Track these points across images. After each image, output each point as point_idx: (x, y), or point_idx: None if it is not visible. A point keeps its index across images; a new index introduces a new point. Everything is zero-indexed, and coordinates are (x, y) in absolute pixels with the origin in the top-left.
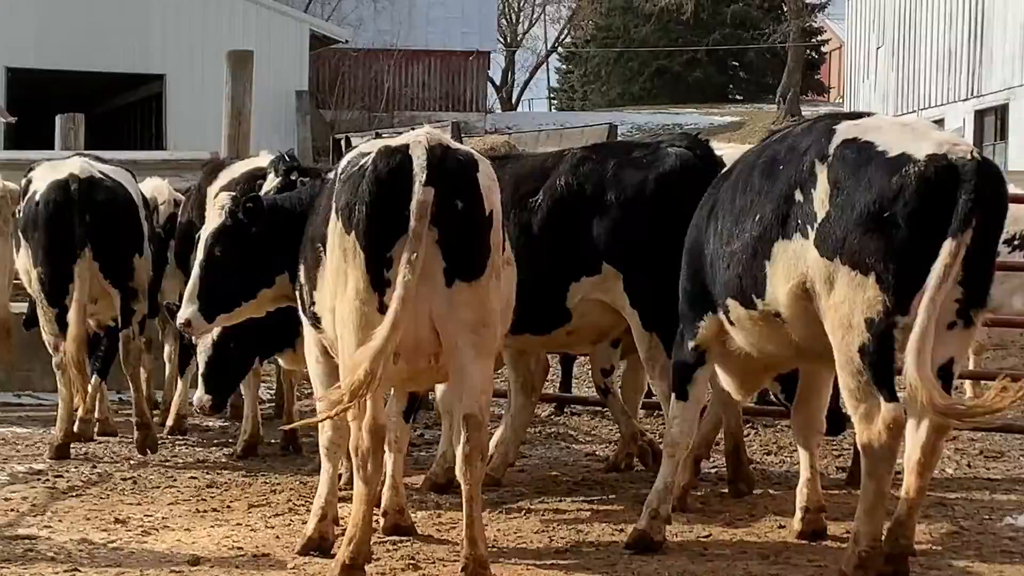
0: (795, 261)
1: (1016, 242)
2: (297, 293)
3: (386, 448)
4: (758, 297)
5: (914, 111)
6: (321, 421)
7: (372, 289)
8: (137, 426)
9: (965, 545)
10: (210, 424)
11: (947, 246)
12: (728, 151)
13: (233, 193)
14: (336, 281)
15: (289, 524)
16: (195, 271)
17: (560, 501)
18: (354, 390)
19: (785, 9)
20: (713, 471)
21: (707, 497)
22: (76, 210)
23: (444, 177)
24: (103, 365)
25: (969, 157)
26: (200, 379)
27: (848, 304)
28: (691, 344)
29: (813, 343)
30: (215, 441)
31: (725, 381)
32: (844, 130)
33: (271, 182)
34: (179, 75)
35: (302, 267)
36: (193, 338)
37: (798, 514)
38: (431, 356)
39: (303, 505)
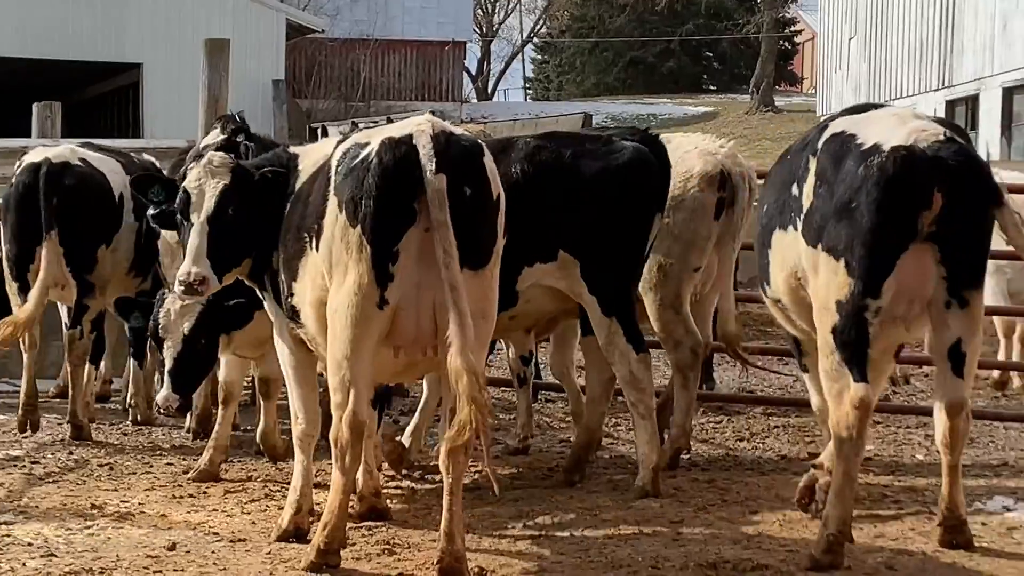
0: (789, 251)
1: None
2: (268, 281)
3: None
4: (767, 284)
5: (885, 101)
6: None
7: (376, 284)
8: (71, 423)
9: (936, 529)
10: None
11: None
12: (678, 139)
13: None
14: (332, 274)
15: (265, 510)
16: (200, 228)
17: (534, 487)
18: (471, 393)
19: (758, 2)
20: (686, 458)
21: (680, 484)
22: (43, 193)
23: (452, 164)
24: (94, 353)
25: (939, 140)
26: (167, 376)
27: (825, 288)
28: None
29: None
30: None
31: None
32: (836, 124)
33: (214, 137)
34: (155, 64)
35: (281, 256)
36: (161, 331)
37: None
38: (429, 348)
39: (279, 491)
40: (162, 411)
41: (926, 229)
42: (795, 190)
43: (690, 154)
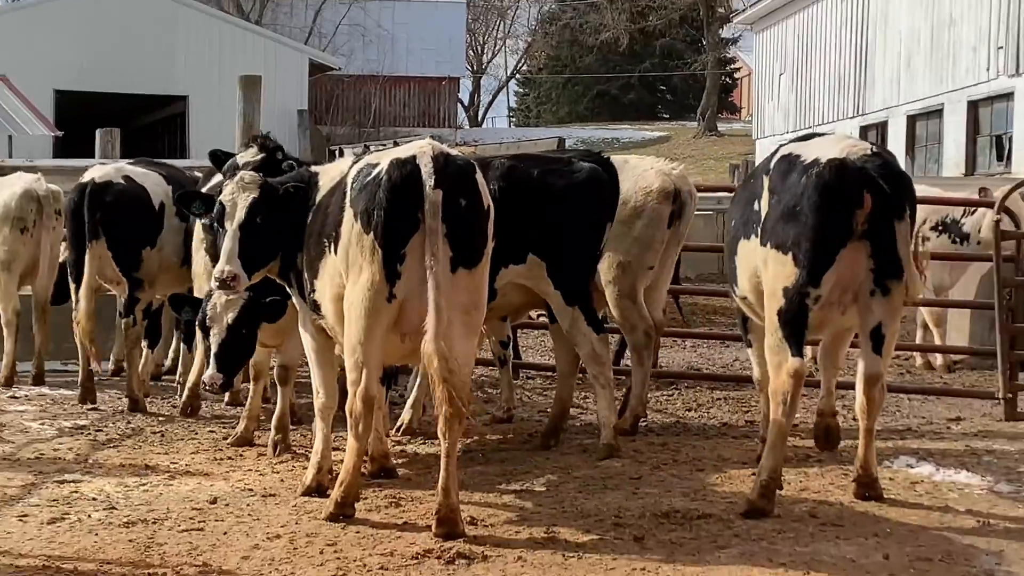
0: (751, 256)
1: (940, 227)
2: (294, 279)
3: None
4: (736, 285)
5: (809, 127)
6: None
7: (386, 281)
8: (128, 397)
9: (853, 484)
10: None
11: (898, 225)
12: (636, 161)
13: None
14: (348, 273)
15: (292, 469)
16: (234, 233)
17: (517, 450)
18: (443, 374)
19: (704, 43)
20: (643, 424)
21: (638, 447)
22: (87, 209)
23: (448, 180)
24: (150, 339)
25: (868, 154)
26: (213, 359)
27: (774, 278)
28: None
29: None
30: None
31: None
32: (784, 148)
33: (251, 155)
34: (200, 96)
35: (304, 258)
36: (208, 321)
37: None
38: (417, 333)
39: (303, 454)
40: (208, 389)
41: (860, 227)
42: (755, 206)
43: (648, 173)
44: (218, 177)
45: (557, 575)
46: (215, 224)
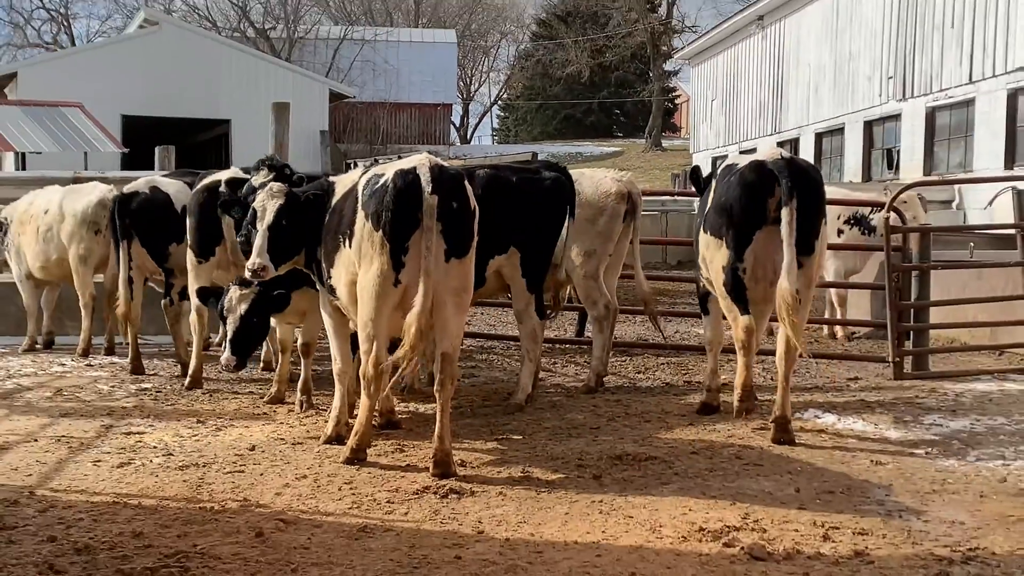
0: (704, 243)
1: (852, 221)
2: (315, 269)
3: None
4: (700, 264)
5: (736, 144)
6: (401, 369)
7: (393, 269)
8: (179, 363)
9: (770, 432)
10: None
11: (784, 211)
12: (594, 171)
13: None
14: (361, 263)
15: (316, 423)
16: (263, 232)
17: (498, 406)
18: (413, 343)
19: (651, 75)
20: (605, 383)
21: (597, 402)
22: (117, 214)
23: (443, 187)
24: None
25: (780, 157)
26: (228, 343)
27: (714, 259)
28: (701, 284)
29: None
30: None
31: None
32: (727, 160)
33: (262, 176)
34: (240, 120)
35: (323, 251)
36: (225, 311)
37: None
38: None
39: (324, 410)
40: (224, 369)
41: (772, 214)
42: (705, 203)
43: (606, 180)
44: (210, 178)
45: (531, 506)
46: (248, 225)
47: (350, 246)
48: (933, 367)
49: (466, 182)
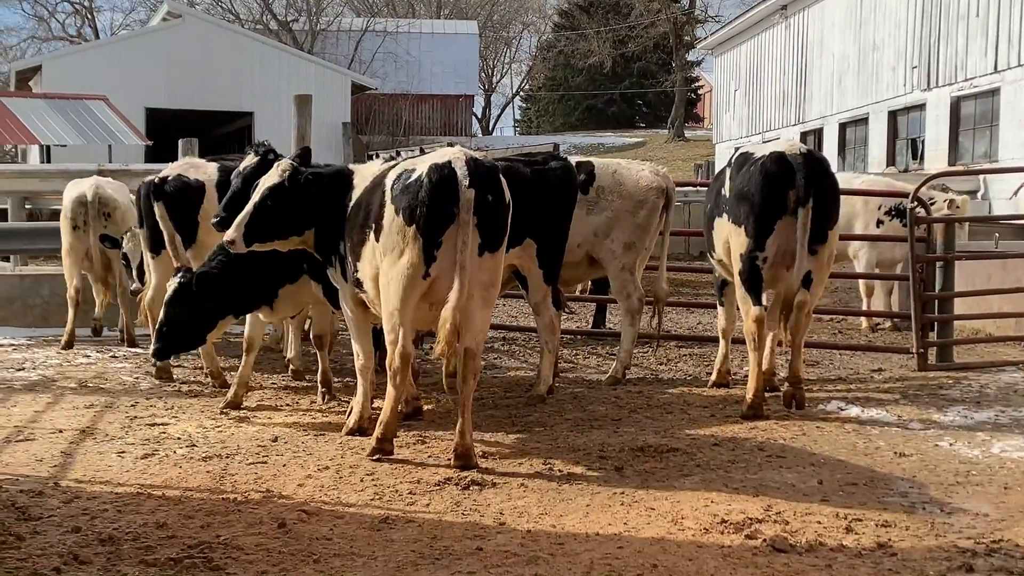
0: (723, 229)
1: (892, 212)
2: (338, 263)
3: None
4: (713, 251)
5: (759, 134)
6: (445, 361)
7: (424, 263)
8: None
9: (792, 423)
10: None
11: (800, 212)
12: (632, 163)
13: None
14: (386, 256)
15: (338, 414)
16: (248, 208)
17: (519, 397)
18: (448, 338)
19: (673, 65)
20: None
21: (619, 394)
22: (143, 198)
23: (479, 180)
24: None
25: (800, 151)
26: (155, 334)
27: (735, 246)
28: (716, 273)
29: None
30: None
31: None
32: (742, 148)
33: (249, 160)
34: (263, 112)
35: (348, 245)
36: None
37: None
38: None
39: (346, 402)
40: (151, 357)
41: (792, 205)
42: (722, 191)
43: (645, 173)
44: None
45: (553, 498)
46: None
47: (377, 240)
48: (957, 358)
49: (501, 175)
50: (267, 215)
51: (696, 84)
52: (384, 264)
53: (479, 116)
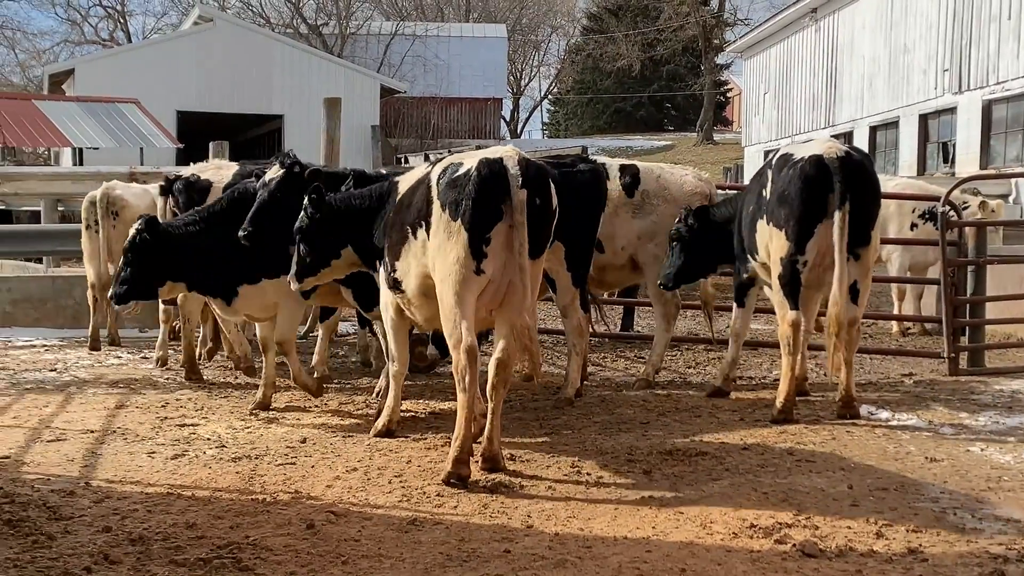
0: (763, 230)
1: (926, 215)
2: (380, 265)
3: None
4: (755, 254)
5: (788, 137)
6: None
7: (472, 258)
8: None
9: (822, 427)
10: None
11: (837, 215)
12: (668, 167)
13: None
14: (437, 254)
15: (366, 416)
16: (295, 258)
17: (547, 400)
18: (528, 346)
19: (702, 68)
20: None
21: (646, 397)
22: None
23: (531, 182)
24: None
25: (838, 154)
26: (115, 280)
27: (774, 249)
28: (745, 275)
29: None
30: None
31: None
32: (782, 149)
33: (275, 172)
34: (293, 115)
35: (386, 245)
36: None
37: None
38: (495, 309)
39: (373, 403)
40: (113, 303)
41: (832, 208)
42: (763, 193)
43: (689, 178)
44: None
45: (580, 501)
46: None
47: (427, 236)
48: (989, 363)
49: (551, 179)
50: (305, 255)
51: (725, 87)
52: (437, 264)
53: (507, 119)
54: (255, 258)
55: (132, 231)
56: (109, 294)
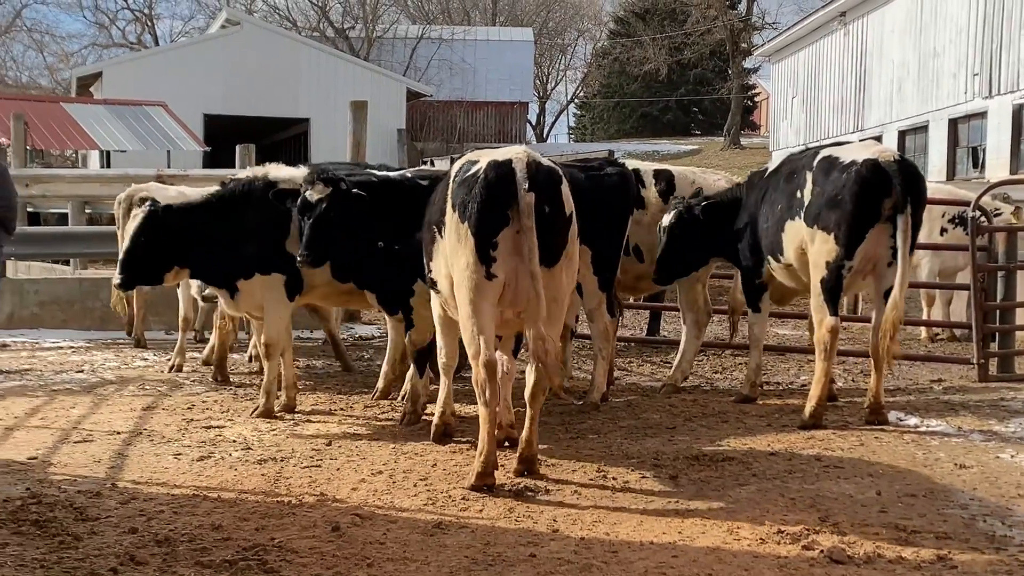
0: (796, 233)
1: (956, 220)
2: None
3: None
4: (781, 255)
5: (816, 141)
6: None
7: (480, 263)
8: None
9: (850, 433)
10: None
11: (900, 219)
12: (699, 171)
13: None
14: (451, 256)
15: (391, 419)
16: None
17: (571, 405)
18: (552, 348)
19: (729, 72)
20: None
21: (673, 402)
22: None
23: (538, 186)
24: None
25: (894, 159)
26: (119, 263)
27: (818, 253)
28: (758, 280)
29: (808, 278)
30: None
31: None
32: (823, 152)
33: (321, 192)
34: (319, 118)
35: (423, 244)
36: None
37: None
38: (519, 311)
39: (400, 407)
40: (116, 285)
41: (886, 213)
42: (798, 194)
43: (721, 183)
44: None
45: (606, 506)
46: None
47: (444, 238)
48: (1019, 369)
49: (564, 184)
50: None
51: (753, 91)
52: (453, 268)
53: (533, 123)
54: (247, 252)
55: (138, 213)
56: (114, 280)
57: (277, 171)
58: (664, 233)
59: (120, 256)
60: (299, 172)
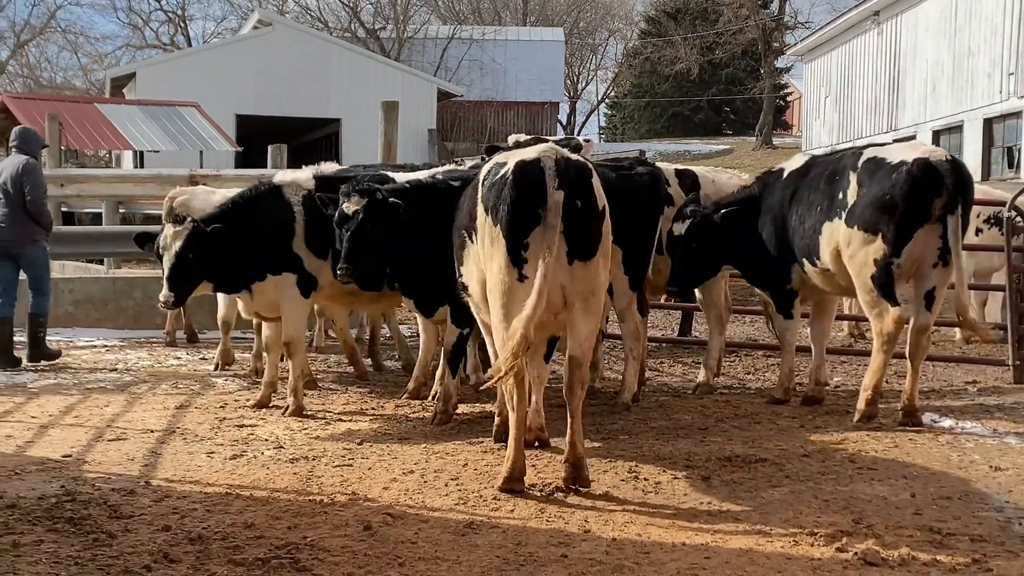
0: (835, 234)
1: (991, 220)
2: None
3: (532, 382)
4: (817, 259)
5: (849, 141)
6: (497, 381)
7: (512, 265)
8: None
9: (885, 435)
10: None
11: (950, 220)
12: (721, 173)
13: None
14: (485, 259)
15: (422, 418)
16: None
17: (603, 405)
18: (515, 351)
19: (761, 71)
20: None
21: (705, 403)
22: None
23: (568, 182)
24: None
25: (945, 159)
26: (166, 281)
27: (865, 252)
28: (788, 286)
29: (847, 282)
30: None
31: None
32: (867, 152)
33: (357, 203)
34: (350, 118)
35: (454, 248)
36: (160, 249)
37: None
38: (557, 313)
39: (431, 407)
40: (162, 306)
41: (936, 213)
42: (840, 196)
43: (734, 181)
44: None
45: (638, 507)
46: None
47: (475, 241)
48: None
49: (595, 178)
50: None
51: (785, 91)
52: (486, 271)
53: (564, 123)
54: (260, 255)
55: (175, 232)
56: (163, 299)
57: (282, 175)
58: (676, 242)
59: (166, 274)
60: (304, 174)
